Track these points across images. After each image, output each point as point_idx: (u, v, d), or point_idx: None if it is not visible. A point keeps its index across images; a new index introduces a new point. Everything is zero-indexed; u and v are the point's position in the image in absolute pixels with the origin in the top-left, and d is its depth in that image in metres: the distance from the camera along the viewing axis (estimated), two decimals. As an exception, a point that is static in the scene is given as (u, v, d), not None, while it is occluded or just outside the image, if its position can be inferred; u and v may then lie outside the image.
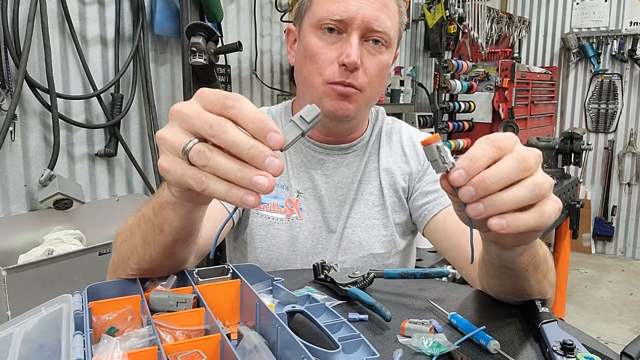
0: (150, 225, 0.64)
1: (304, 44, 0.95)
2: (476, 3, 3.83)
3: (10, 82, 1.71)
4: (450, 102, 3.83)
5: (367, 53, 0.92)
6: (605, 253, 4.86)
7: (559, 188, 2.78)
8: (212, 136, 0.47)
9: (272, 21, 2.84)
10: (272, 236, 1.01)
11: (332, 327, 0.59)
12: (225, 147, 0.46)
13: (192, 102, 0.50)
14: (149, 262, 0.66)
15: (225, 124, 0.47)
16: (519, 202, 0.50)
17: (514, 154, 0.50)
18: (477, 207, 0.49)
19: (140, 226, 0.66)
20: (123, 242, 0.71)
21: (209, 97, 0.49)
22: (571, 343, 0.60)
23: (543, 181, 0.51)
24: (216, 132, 0.46)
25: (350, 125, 1.03)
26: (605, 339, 3.14)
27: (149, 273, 0.68)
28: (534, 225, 0.50)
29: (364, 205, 1.04)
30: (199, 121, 0.48)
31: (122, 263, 0.70)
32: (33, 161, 1.86)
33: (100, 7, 2.04)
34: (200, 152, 0.47)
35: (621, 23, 4.57)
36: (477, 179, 0.49)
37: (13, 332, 0.55)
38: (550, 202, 0.52)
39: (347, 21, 0.90)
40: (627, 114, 4.66)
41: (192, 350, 0.51)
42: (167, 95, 2.33)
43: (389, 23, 0.92)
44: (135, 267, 0.68)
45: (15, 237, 1.76)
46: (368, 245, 1.02)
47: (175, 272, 0.70)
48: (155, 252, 0.65)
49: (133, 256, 0.67)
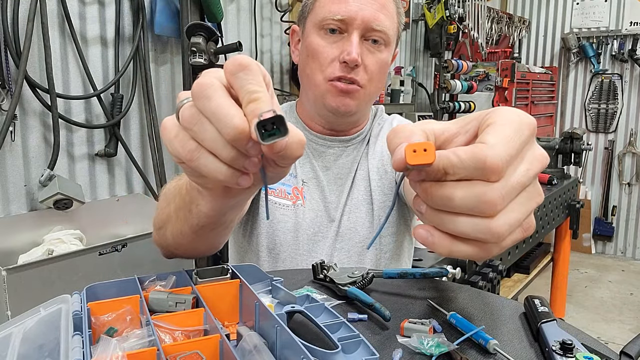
0: (182, 201, 0.62)
1: (307, 44, 1.00)
2: (476, 3, 3.83)
3: (10, 82, 1.71)
4: (450, 102, 3.84)
5: (367, 51, 0.97)
6: (605, 253, 4.86)
7: (559, 188, 2.78)
8: (194, 98, 0.42)
9: (272, 21, 2.84)
10: (277, 221, 1.05)
11: (332, 327, 0.59)
12: (206, 115, 0.41)
13: (218, 71, 0.44)
14: (180, 237, 0.67)
15: (211, 93, 0.41)
16: (459, 234, 0.41)
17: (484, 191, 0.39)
18: (420, 207, 0.43)
19: (175, 197, 0.65)
20: (165, 206, 0.70)
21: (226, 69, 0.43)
22: (570, 343, 0.59)
23: (501, 232, 0.40)
24: (198, 97, 0.42)
25: (352, 120, 1.07)
26: (605, 339, 3.14)
27: (185, 249, 0.70)
28: (468, 257, 0.42)
29: (357, 193, 1.07)
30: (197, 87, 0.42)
31: (162, 228, 0.71)
32: (33, 161, 1.86)
33: (100, 7, 2.04)
34: (187, 109, 0.42)
35: (621, 23, 4.57)
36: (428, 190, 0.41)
37: (12, 332, 0.55)
38: (495, 248, 0.42)
39: (348, 21, 0.94)
40: (627, 114, 4.66)
41: (192, 350, 0.51)
42: (167, 95, 2.33)
43: (388, 23, 0.97)
44: (171, 240, 0.69)
45: (15, 237, 1.76)
46: (362, 230, 1.05)
47: (210, 253, 0.73)
48: (184, 230, 0.64)
49: (169, 226, 0.68)
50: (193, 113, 0.42)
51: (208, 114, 0.41)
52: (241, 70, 0.41)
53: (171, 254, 0.76)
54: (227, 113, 0.40)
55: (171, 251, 0.75)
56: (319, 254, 1.04)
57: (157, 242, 0.77)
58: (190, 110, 0.42)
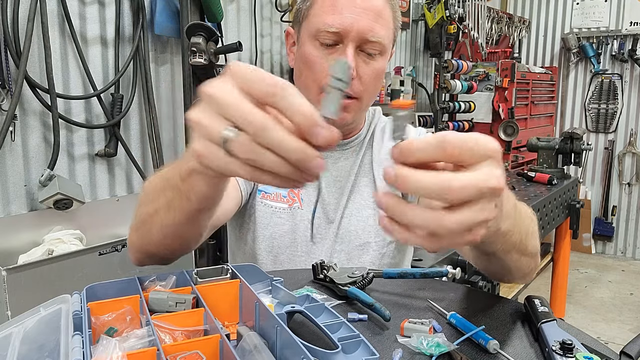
0: (177, 192, 0.63)
1: (302, 53, 0.99)
2: (476, 3, 3.83)
3: (10, 82, 1.71)
4: (450, 102, 3.84)
5: (362, 62, 0.96)
6: (605, 253, 4.86)
7: (559, 188, 2.78)
8: (253, 134, 0.43)
9: (272, 21, 2.84)
10: (274, 224, 1.05)
11: (332, 327, 0.59)
12: (268, 146, 0.43)
13: (228, 84, 0.45)
14: (171, 227, 0.67)
15: (268, 124, 0.43)
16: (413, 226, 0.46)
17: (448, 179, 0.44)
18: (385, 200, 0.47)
19: (165, 191, 0.66)
20: (148, 203, 0.71)
21: (249, 80, 0.44)
22: (570, 343, 0.60)
23: (451, 227, 0.44)
24: (258, 132, 0.43)
25: (349, 128, 1.08)
26: (605, 339, 3.14)
27: (169, 242, 0.70)
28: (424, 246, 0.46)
29: (359, 197, 1.07)
30: (237, 113, 0.43)
31: (144, 225, 0.71)
32: (33, 161, 1.86)
33: (100, 7, 2.04)
34: (244, 146, 0.43)
35: (621, 23, 4.57)
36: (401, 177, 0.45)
37: (12, 332, 0.55)
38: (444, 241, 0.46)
39: (343, 33, 0.93)
40: (627, 114, 4.66)
41: (192, 350, 0.51)
42: (167, 95, 2.33)
43: (383, 32, 0.95)
44: (156, 234, 0.69)
45: (15, 237, 1.76)
46: (364, 234, 1.06)
47: (192, 246, 0.73)
48: (177, 218, 0.65)
49: (156, 219, 0.68)
50: (252, 147, 0.43)
51: (272, 145, 0.43)
52: (277, 90, 0.43)
53: (146, 254, 0.76)
54: (296, 145, 0.43)
55: (149, 250, 0.75)
56: (317, 255, 1.04)
57: (135, 244, 0.77)
58: (246, 143, 0.43)
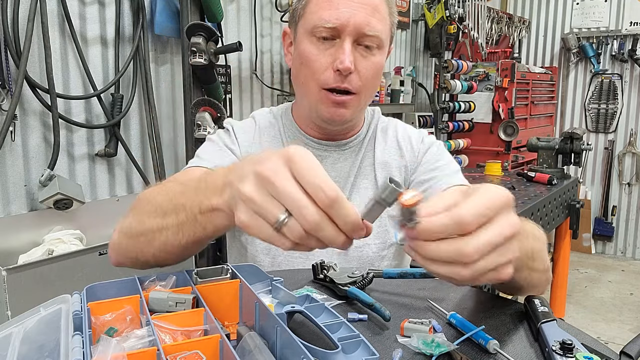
0: (191, 219, 0.65)
1: (300, 51, 0.99)
2: (476, 3, 3.83)
3: (10, 82, 1.71)
4: (450, 102, 3.84)
5: (360, 57, 0.96)
6: (605, 253, 4.86)
7: (559, 188, 2.78)
8: (308, 229, 0.49)
9: (272, 21, 2.84)
10: None
11: (332, 327, 0.59)
12: (317, 237, 0.50)
13: (284, 172, 0.50)
14: (176, 248, 0.69)
15: (322, 224, 0.49)
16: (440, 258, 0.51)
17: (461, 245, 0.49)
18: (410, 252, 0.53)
19: (177, 213, 0.67)
20: (154, 216, 0.71)
21: (308, 178, 0.49)
22: (570, 343, 0.59)
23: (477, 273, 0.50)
24: (312, 228, 0.49)
25: (347, 126, 1.07)
26: (605, 339, 3.14)
27: (165, 258, 0.72)
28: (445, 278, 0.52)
29: (359, 199, 1.06)
30: (294, 204, 0.49)
31: (143, 236, 0.72)
32: (33, 161, 1.86)
33: (100, 7, 2.04)
34: (296, 232, 0.50)
35: (621, 23, 4.57)
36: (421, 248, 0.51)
37: (12, 332, 0.55)
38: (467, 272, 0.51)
39: (340, 28, 0.93)
40: (627, 114, 4.66)
41: (192, 350, 0.51)
42: (167, 95, 2.34)
43: (380, 26, 0.95)
44: (157, 249, 0.70)
45: (15, 237, 1.76)
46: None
47: (186, 259, 0.75)
48: (186, 241, 0.67)
49: (160, 237, 0.69)
50: (303, 234, 0.50)
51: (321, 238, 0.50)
52: (334, 204, 0.49)
53: (133, 259, 0.76)
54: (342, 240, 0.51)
55: (138, 258, 0.75)
56: (316, 256, 1.04)
57: (123, 249, 0.77)
58: (298, 230, 0.50)
